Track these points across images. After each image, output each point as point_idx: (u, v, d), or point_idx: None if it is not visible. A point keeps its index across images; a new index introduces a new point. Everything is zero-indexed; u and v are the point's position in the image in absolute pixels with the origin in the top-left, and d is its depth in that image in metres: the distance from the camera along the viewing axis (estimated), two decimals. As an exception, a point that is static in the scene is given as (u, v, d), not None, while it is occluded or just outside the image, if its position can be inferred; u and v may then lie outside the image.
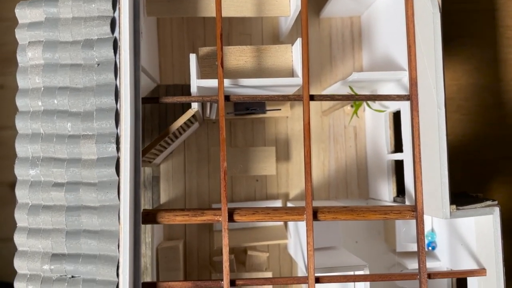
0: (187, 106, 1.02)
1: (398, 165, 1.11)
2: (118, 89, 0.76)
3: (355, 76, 1.00)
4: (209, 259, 1.20)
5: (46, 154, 0.77)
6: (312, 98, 0.82)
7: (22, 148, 0.78)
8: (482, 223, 0.86)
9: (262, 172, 1.17)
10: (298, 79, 0.91)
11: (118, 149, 0.75)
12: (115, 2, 0.77)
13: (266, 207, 0.83)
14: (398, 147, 1.10)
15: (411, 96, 0.82)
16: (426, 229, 1.08)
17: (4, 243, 1.33)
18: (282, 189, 1.23)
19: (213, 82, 0.89)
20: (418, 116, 0.82)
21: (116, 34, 0.77)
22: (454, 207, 0.80)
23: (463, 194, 0.95)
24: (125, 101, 0.75)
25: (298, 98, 0.82)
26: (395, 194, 1.13)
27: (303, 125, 0.81)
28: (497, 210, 0.83)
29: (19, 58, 0.79)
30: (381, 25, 1.15)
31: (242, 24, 1.25)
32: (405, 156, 1.03)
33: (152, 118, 1.21)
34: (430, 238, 1.08)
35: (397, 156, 1.09)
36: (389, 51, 1.10)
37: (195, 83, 0.90)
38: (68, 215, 0.75)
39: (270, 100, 0.84)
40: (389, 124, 1.13)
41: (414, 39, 0.83)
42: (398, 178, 1.12)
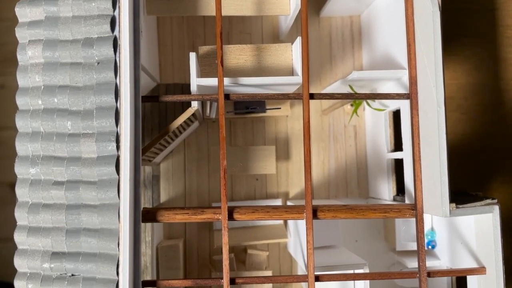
0: (187, 105, 1.02)
1: (398, 163, 1.11)
2: (118, 87, 0.76)
3: (355, 75, 1.00)
4: (209, 258, 1.20)
5: (46, 153, 0.78)
6: (312, 96, 0.82)
7: (22, 146, 0.78)
8: (482, 222, 0.86)
9: (262, 171, 1.17)
10: (298, 78, 0.91)
11: (118, 147, 0.76)
12: (115, 1, 0.77)
13: (266, 206, 0.83)
14: (398, 146, 1.10)
15: (411, 94, 0.82)
16: (426, 228, 1.08)
17: (4, 243, 1.33)
18: (282, 188, 1.23)
19: (213, 81, 0.89)
20: (418, 114, 0.82)
21: (116, 32, 0.77)
22: (454, 206, 0.80)
23: (463, 193, 0.95)
24: (125, 99, 0.75)
25: (298, 96, 0.82)
26: (395, 193, 1.13)
27: (303, 123, 0.81)
28: (496, 208, 0.83)
29: (19, 57, 0.79)
30: (381, 24, 1.15)
31: (242, 23, 1.25)
32: (405, 154, 1.03)
33: (152, 117, 1.21)
34: (430, 237, 1.08)
35: (397, 155, 1.09)
36: (389, 50, 1.10)
37: (195, 82, 0.90)
38: (68, 214, 0.76)
39: (270, 98, 0.84)
40: (389, 123, 1.13)
41: (414, 38, 0.83)
42: (398, 177, 1.12)
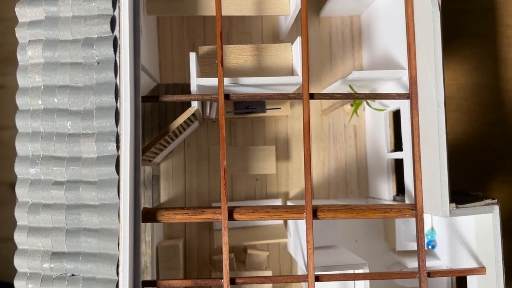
0: (187, 105, 1.02)
1: (398, 164, 1.11)
2: (118, 87, 0.76)
3: (355, 75, 1.00)
4: (209, 258, 1.20)
5: (46, 153, 0.78)
6: (311, 96, 0.82)
7: (22, 146, 0.78)
8: (482, 222, 0.86)
9: (262, 171, 1.17)
10: (298, 78, 0.91)
11: (118, 147, 0.76)
12: (115, 0, 0.77)
13: (266, 206, 0.83)
14: (398, 146, 1.10)
15: (411, 94, 0.82)
16: (425, 228, 1.08)
17: (4, 243, 1.33)
18: (282, 188, 1.23)
19: (213, 81, 0.89)
20: (418, 114, 0.82)
21: (116, 32, 0.77)
22: (454, 206, 0.80)
23: (463, 193, 0.95)
24: (125, 99, 0.75)
25: (298, 96, 0.82)
26: (395, 193, 1.13)
27: (303, 123, 0.81)
28: (496, 208, 0.83)
29: (19, 57, 0.79)
30: (381, 24, 1.15)
31: (242, 23, 1.25)
32: (405, 155, 1.03)
33: (152, 117, 1.21)
34: (430, 237, 1.08)
35: (397, 155, 1.09)
36: (389, 50, 1.10)
37: (195, 82, 0.90)
38: (68, 214, 0.76)
39: (270, 98, 0.84)
40: (389, 123, 1.13)
41: (414, 38, 0.83)
42: (398, 177, 1.12)
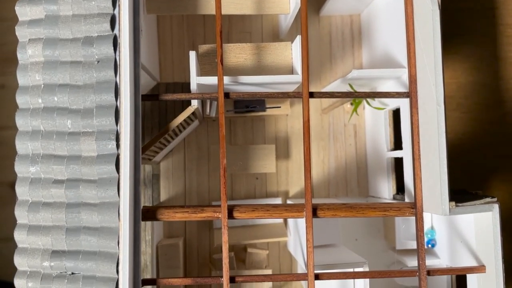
0: (187, 104, 1.02)
1: (398, 162, 1.11)
2: (118, 86, 0.76)
3: (355, 73, 1.00)
4: (209, 257, 1.20)
5: (46, 151, 0.78)
6: (311, 95, 0.82)
7: (22, 145, 0.78)
8: (482, 220, 0.86)
9: (262, 170, 1.17)
10: (297, 76, 0.91)
11: (118, 146, 0.76)
12: (115, -1, 0.77)
13: (266, 204, 0.83)
14: (397, 145, 1.10)
15: (411, 93, 0.82)
16: (425, 226, 1.08)
17: (4, 243, 1.33)
18: (282, 187, 1.23)
19: (212, 80, 0.89)
20: (418, 113, 0.82)
21: (116, 31, 0.77)
22: (454, 204, 0.80)
23: (463, 191, 0.96)
24: (125, 98, 0.75)
25: (298, 95, 0.82)
26: (395, 192, 1.13)
27: (303, 122, 0.81)
28: (496, 207, 0.83)
29: (19, 56, 0.79)
30: (381, 23, 1.15)
31: (242, 22, 1.25)
32: (404, 153, 1.03)
33: (152, 116, 1.21)
34: (429, 236, 1.08)
35: (396, 153, 1.09)
36: (388, 49, 1.10)
37: (195, 81, 0.90)
38: (68, 212, 0.76)
39: (270, 97, 0.84)
40: (388, 121, 1.13)
41: (413, 37, 0.83)
42: (397, 176, 1.12)
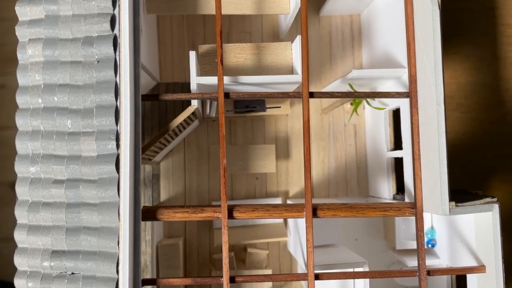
0: (187, 104, 1.02)
1: (398, 162, 1.11)
2: (118, 86, 0.76)
3: (355, 73, 1.00)
4: (209, 257, 1.20)
5: (46, 151, 0.78)
6: (311, 95, 0.82)
7: (22, 145, 0.78)
8: (482, 220, 0.86)
9: (262, 170, 1.17)
10: (297, 76, 0.91)
11: (118, 146, 0.76)
12: (115, -1, 0.77)
13: (266, 204, 0.83)
14: (397, 145, 1.10)
15: (411, 93, 0.82)
16: (425, 226, 1.08)
17: (4, 243, 1.33)
18: (282, 187, 1.23)
19: (212, 79, 0.89)
20: (418, 113, 0.82)
21: (116, 31, 0.77)
22: (454, 204, 0.80)
23: (463, 191, 0.95)
24: (125, 98, 0.75)
25: (298, 95, 0.82)
26: (395, 192, 1.13)
27: (303, 122, 0.81)
28: (496, 207, 0.83)
29: (19, 56, 0.79)
30: (381, 23, 1.15)
31: (242, 22, 1.25)
32: (404, 153, 1.03)
33: (152, 116, 1.21)
34: (429, 236, 1.08)
35: (396, 153, 1.09)
36: (388, 49, 1.10)
37: (195, 80, 0.90)
38: (68, 212, 0.76)
39: (270, 97, 0.84)
40: (388, 121, 1.13)
41: (413, 36, 0.83)
42: (397, 176, 1.12)
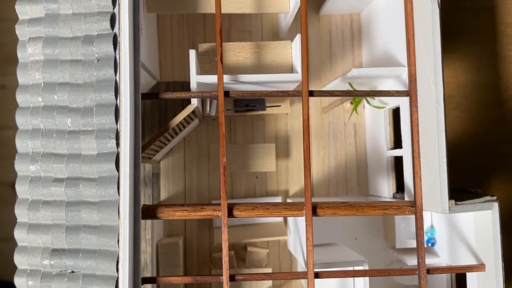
0: (187, 103, 1.02)
1: (398, 161, 1.11)
2: (118, 84, 0.76)
3: (355, 72, 1.00)
4: (209, 256, 1.20)
5: (46, 150, 0.78)
6: (311, 93, 0.82)
7: (22, 143, 0.78)
8: (481, 219, 0.86)
9: (262, 169, 1.17)
10: (297, 75, 0.91)
11: (118, 144, 0.76)
12: (115, -2, 0.77)
13: (266, 203, 0.83)
14: (397, 144, 1.10)
15: (410, 91, 0.82)
16: (425, 225, 1.08)
17: (5, 243, 1.33)
18: (282, 186, 1.24)
19: (212, 78, 0.89)
20: (417, 112, 0.82)
21: (116, 30, 0.77)
22: (453, 202, 0.80)
23: (462, 190, 0.96)
24: (124, 96, 0.75)
25: (298, 93, 0.82)
26: (395, 191, 1.13)
27: (303, 120, 0.81)
28: (496, 205, 0.83)
29: (19, 54, 0.79)
30: (380, 22, 1.15)
31: (241, 21, 1.25)
32: (404, 152, 1.03)
33: (152, 115, 1.21)
34: (429, 235, 1.08)
35: (396, 152, 1.09)
36: (388, 48, 1.10)
37: (195, 79, 0.90)
38: (68, 211, 0.76)
39: (270, 95, 0.84)
40: (388, 120, 1.13)
41: (413, 35, 0.83)
42: (397, 174, 1.12)
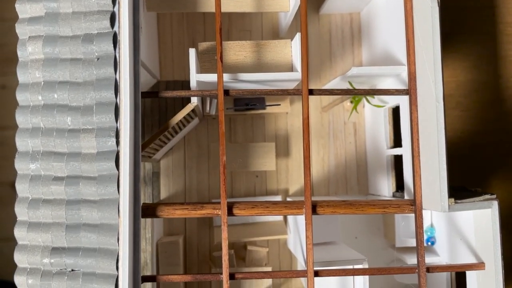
0: (187, 102, 1.02)
1: (398, 160, 1.11)
2: (118, 83, 0.76)
3: (354, 71, 1.00)
4: (209, 255, 1.20)
5: (46, 148, 0.78)
6: (311, 92, 0.82)
7: (22, 142, 0.78)
8: (481, 217, 0.86)
9: (262, 167, 1.17)
10: (297, 74, 0.91)
11: (117, 143, 0.76)
12: (115, -4, 0.77)
13: (266, 201, 0.83)
14: (397, 142, 1.10)
15: (410, 90, 0.82)
16: (425, 224, 1.08)
17: (5, 242, 1.33)
18: (281, 185, 1.24)
19: (212, 77, 0.89)
20: (417, 110, 0.82)
21: (115, 28, 0.77)
22: (453, 201, 0.80)
23: (462, 189, 0.96)
24: (124, 95, 0.76)
25: (297, 92, 0.82)
26: (395, 189, 1.13)
27: (302, 119, 0.81)
28: (495, 204, 0.83)
29: (19, 53, 0.79)
30: (380, 21, 1.15)
31: (241, 19, 1.25)
32: (404, 151, 1.03)
33: (152, 114, 1.21)
34: (429, 233, 1.08)
35: (396, 151, 1.09)
36: (388, 47, 1.10)
37: (195, 78, 0.90)
38: (68, 209, 0.76)
39: (269, 94, 0.84)
40: (388, 119, 1.13)
41: (413, 34, 0.83)
42: (397, 173, 1.12)
